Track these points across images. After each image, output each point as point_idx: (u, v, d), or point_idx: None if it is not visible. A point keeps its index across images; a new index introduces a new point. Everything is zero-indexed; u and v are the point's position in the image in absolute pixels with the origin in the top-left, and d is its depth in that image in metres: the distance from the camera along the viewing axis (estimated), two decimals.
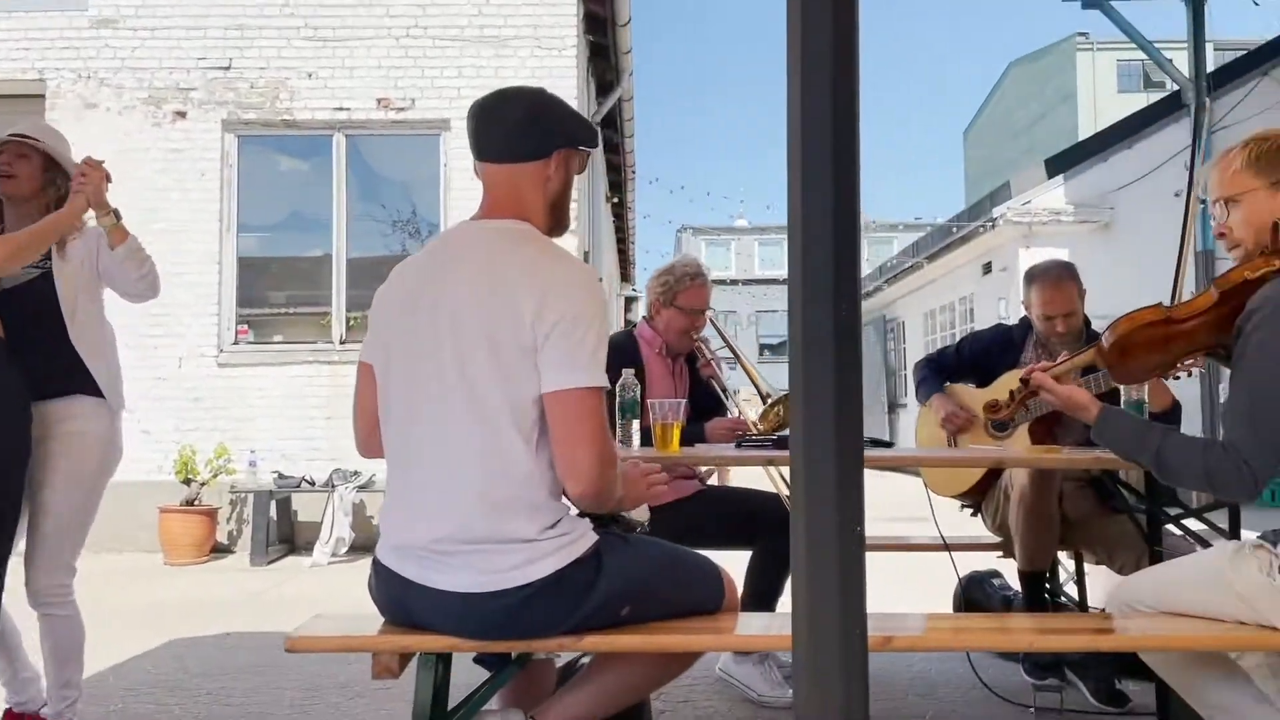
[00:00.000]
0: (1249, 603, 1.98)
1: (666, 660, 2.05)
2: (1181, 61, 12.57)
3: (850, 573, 0.94)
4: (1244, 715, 2.06)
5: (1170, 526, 2.99)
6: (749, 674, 3.33)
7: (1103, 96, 34.42)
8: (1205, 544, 2.81)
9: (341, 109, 7.87)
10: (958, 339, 4.00)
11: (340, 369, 7.63)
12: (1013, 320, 3.81)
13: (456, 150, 7.71)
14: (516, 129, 1.97)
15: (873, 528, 3.89)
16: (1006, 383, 3.48)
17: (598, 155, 10.67)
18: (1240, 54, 13.37)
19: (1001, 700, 3.23)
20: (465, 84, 7.71)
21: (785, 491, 3.09)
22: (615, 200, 14.28)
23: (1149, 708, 3.11)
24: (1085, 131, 30.99)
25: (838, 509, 0.92)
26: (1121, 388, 2.81)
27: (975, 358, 3.64)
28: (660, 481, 2.10)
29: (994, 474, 3.43)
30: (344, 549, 7.02)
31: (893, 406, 19.02)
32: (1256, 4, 12.37)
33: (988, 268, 13.65)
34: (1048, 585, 3.57)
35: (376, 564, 1.98)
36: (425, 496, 1.88)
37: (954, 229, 14.22)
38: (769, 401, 3.09)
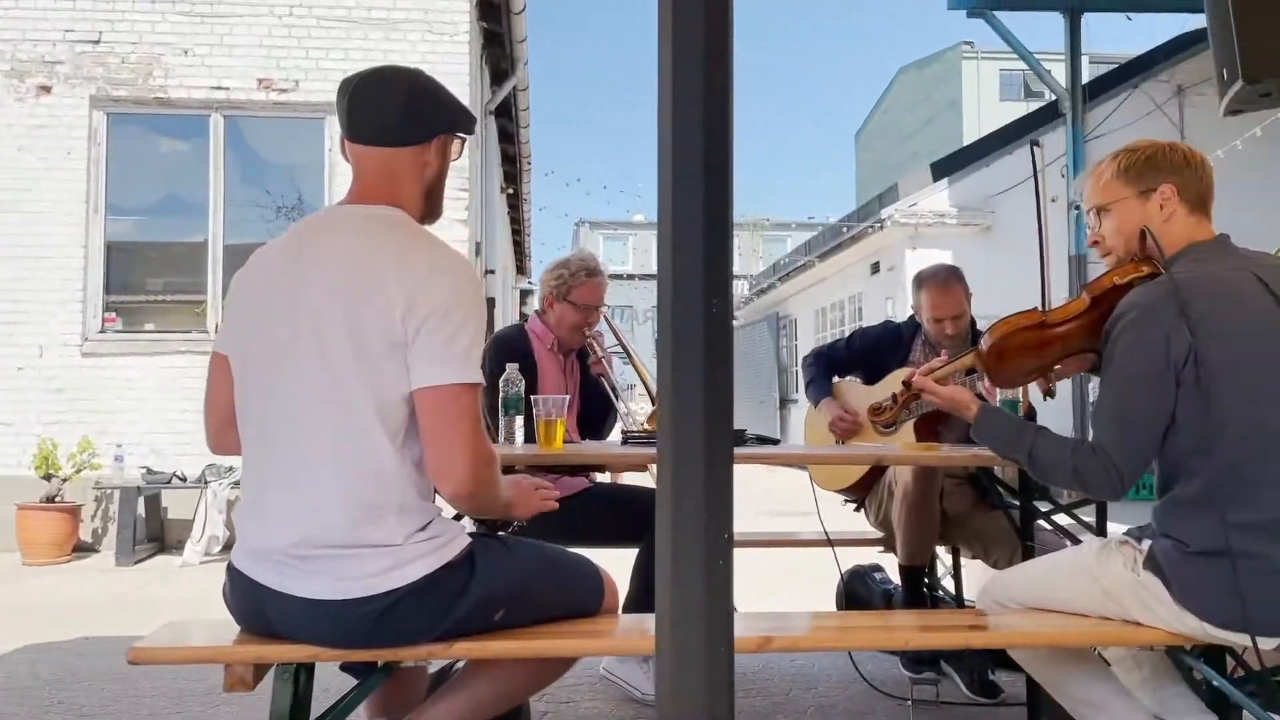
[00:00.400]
0: (1114, 598, 2.02)
1: (544, 664, 1.99)
2: (1060, 73, 13.07)
3: (716, 578, 0.89)
4: (1107, 708, 2.11)
5: (1042, 522, 3.06)
6: (632, 673, 3.29)
7: (986, 104, 35.61)
8: (1075, 540, 2.89)
9: (220, 88, 7.54)
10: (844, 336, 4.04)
11: None
12: (900, 319, 3.87)
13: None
14: (395, 112, 1.87)
15: (759, 523, 3.90)
16: (894, 380, 3.53)
17: (492, 145, 10.51)
18: (1112, 67, 13.97)
19: (881, 694, 3.27)
20: (352, 67, 7.32)
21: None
22: (510, 191, 14.10)
23: (1020, 698, 3.19)
24: (970, 137, 31.96)
25: (705, 510, 0.87)
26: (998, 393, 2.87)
27: (865, 353, 3.68)
28: (550, 496, 2.05)
29: (878, 471, 3.48)
30: (217, 548, 6.74)
31: (784, 402, 19.32)
32: (1129, 19, 12.94)
33: (876, 267, 13.96)
34: (926, 579, 3.64)
35: (231, 570, 1.86)
36: (284, 498, 1.77)
37: (844, 229, 14.50)
38: (657, 405, 3.05)
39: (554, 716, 3.17)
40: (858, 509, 3.70)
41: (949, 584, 3.79)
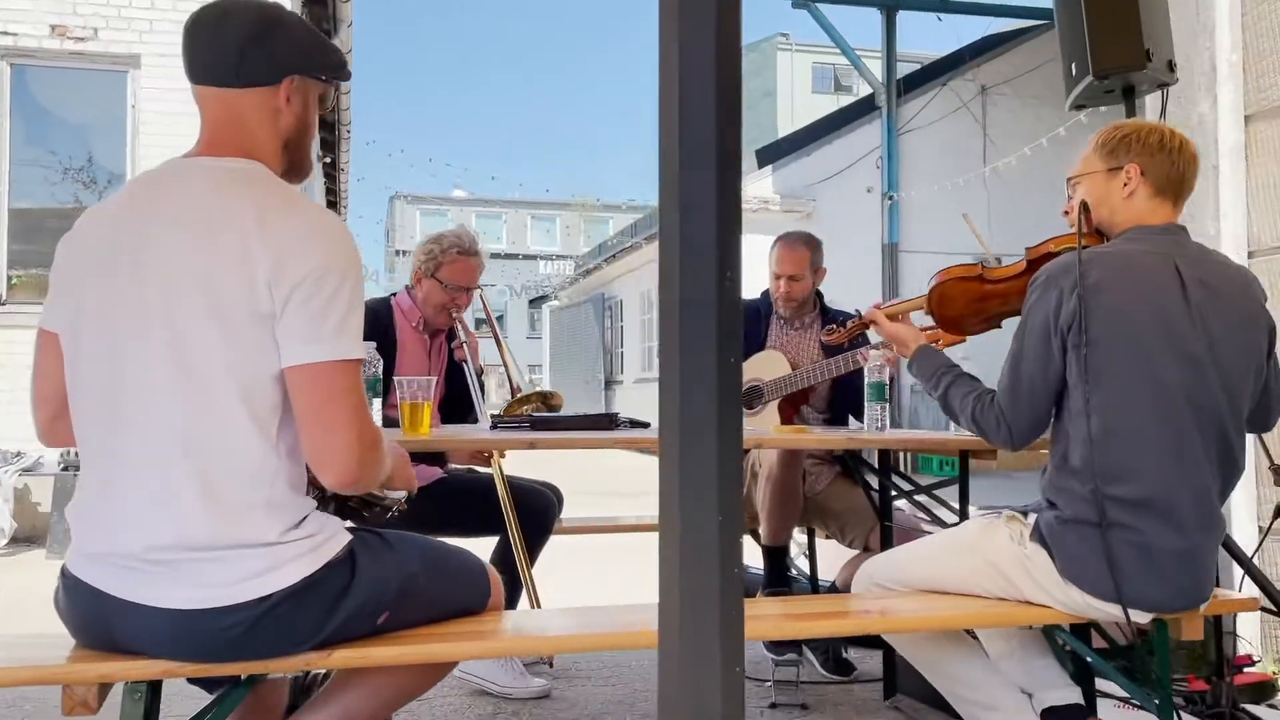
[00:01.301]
0: (1000, 571, 2.06)
1: (424, 669, 1.83)
2: (873, 68, 13.62)
3: (729, 575, 0.79)
4: (980, 686, 2.15)
5: (902, 504, 3.12)
6: (489, 668, 3.15)
7: (799, 95, 36.78)
8: (938, 520, 2.96)
9: (6, 34, 6.76)
10: None
11: (1, 334, 6.59)
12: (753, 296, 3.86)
13: (149, 92, 6.86)
14: (235, 46, 1.64)
15: (588, 503, 3.80)
16: (763, 361, 3.52)
17: None
18: (917, 66, 14.65)
19: (745, 678, 3.27)
20: (159, 17, 6.85)
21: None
22: (328, 160, 13.44)
23: (873, 674, 3.27)
24: (784, 127, 33.01)
25: (719, 498, 0.77)
26: (865, 369, 2.90)
27: None
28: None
29: None
30: (3, 541, 6.09)
31: (609, 383, 19.39)
32: (940, 20, 13.60)
33: None
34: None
35: (67, 576, 1.61)
36: (133, 496, 1.54)
37: None
38: (517, 396, 2.90)
39: (408, 714, 2.99)
40: None
41: (802, 564, 3.84)
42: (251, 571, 1.53)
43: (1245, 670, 2.84)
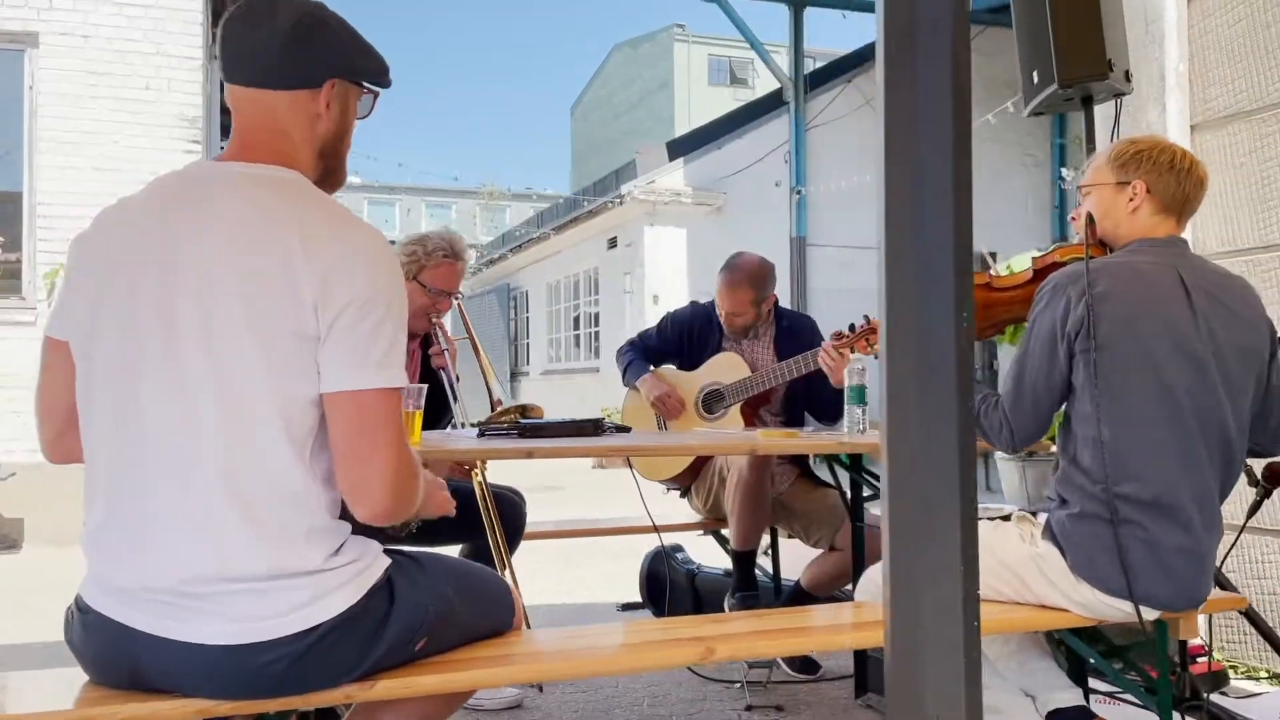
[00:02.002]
0: (1013, 570, 2.09)
1: (449, 696, 1.75)
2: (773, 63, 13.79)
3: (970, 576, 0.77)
4: (986, 690, 2.19)
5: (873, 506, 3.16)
6: None
7: (696, 87, 37.01)
8: None
9: None
10: (579, 309, 3.96)
11: None
12: (648, 295, 3.86)
13: (47, 73, 6.45)
14: (276, 45, 1.54)
15: (537, 505, 3.74)
16: (722, 365, 3.50)
17: (213, 96, 9.51)
18: (816, 62, 14.91)
19: (713, 681, 3.27)
20: None
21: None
22: (222, 146, 12.90)
23: (840, 671, 3.31)
24: (680, 119, 33.21)
25: (963, 552, 0.74)
26: (846, 370, 2.92)
27: (678, 338, 3.63)
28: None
29: (705, 456, 3.46)
30: None
31: (514, 375, 19.21)
32: (844, 17, 13.85)
33: (613, 242, 14.14)
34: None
35: (85, 610, 1.49)
36: (166, 525, 1.43)
37: (584, 202, 14.55)
38: (498, 409, 2.83)
39: None
40: (682, 495, 3.67)
41: (764, 563, 3.85)
42: (296, 603, 1.44)
43: (1198, 660, 2.97)
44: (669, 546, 4.24)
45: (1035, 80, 3.23)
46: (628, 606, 4.43)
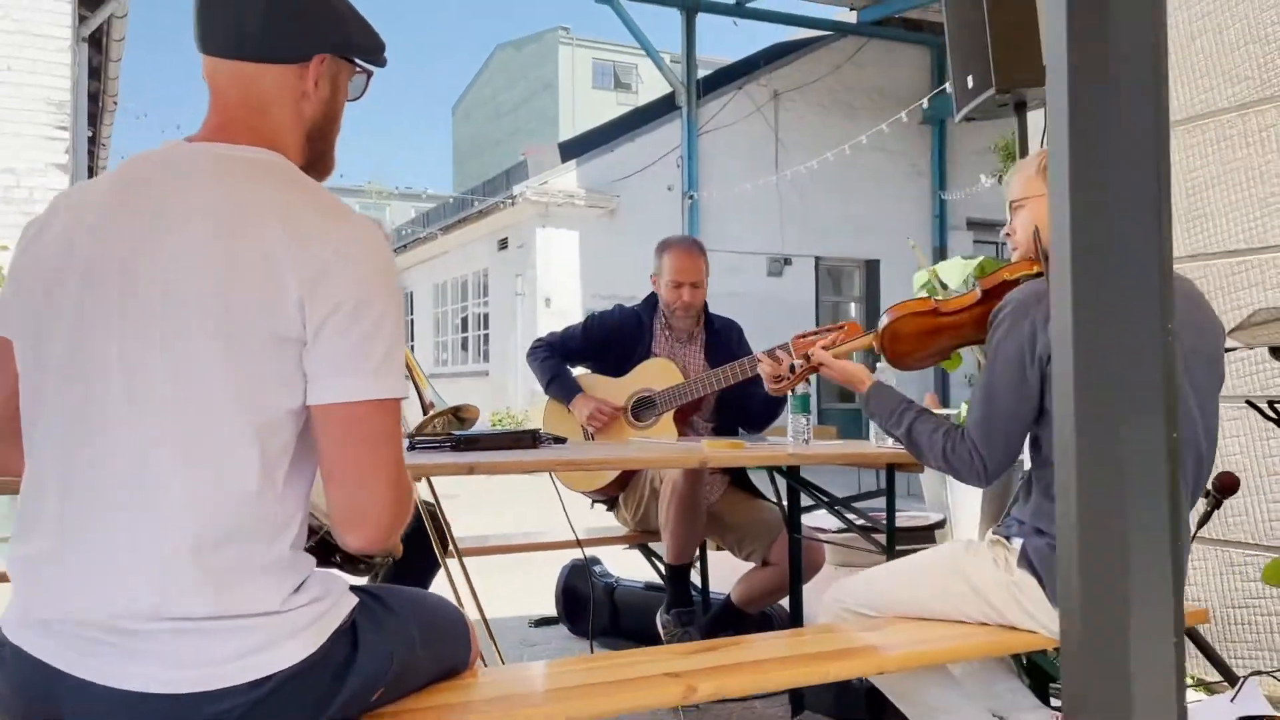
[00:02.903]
0: (985, 597, 2.01)
1: None
2: (650, 69, 13.81)
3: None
4: (954, 710, 2.11)
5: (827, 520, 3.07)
6: None
7: (580, 90, 36.89)
8: (865, 532, 2.92)
9: None
10: (467, 311, 3.78)
11: None
12: (541, 297, 3.71)
13: None
14: (259, 11, 1.33)
15: (459, 521, 3.54)
16: (653, 370, 3.36)
17: (80, 79, 8.89)
18: (707, 71, 14.98)
19: None
20: None
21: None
22: (90, 134, 12.10)
23: (776, 687, 3.21)
24: (565, 122, 33.03)
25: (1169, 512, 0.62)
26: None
27: (605, 341, 3.48)
28: None
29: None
30: None
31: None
32: (735, 24, 13.93)
33: (504, 243, 13.86)
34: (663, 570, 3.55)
35: (3, 644, 1.25)
36: (101, 549, 1.21)
37: (474, 202, 14.22)
38: (430, 413, 2.62)
39: None
40: (609, 508, 3.51)
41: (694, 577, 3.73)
42: (248, 648, 1.22)
43: None
44: (586, 559, 4.08)
45: (970, 85, 3.20)
46: (541, 622, 4.25)
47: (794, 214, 13.80)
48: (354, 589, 1.41)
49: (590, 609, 3.83)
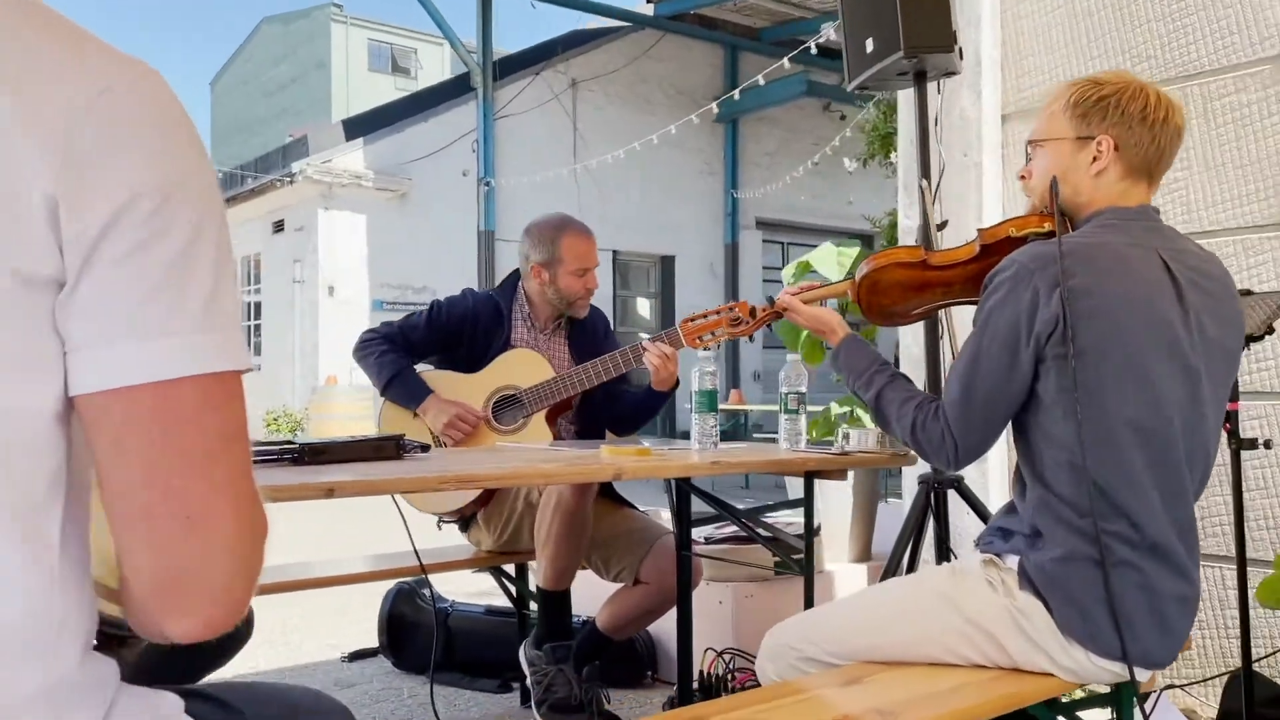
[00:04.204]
0: (983, 629, 1.66)
1: None
2: (431, 53, 13.16)
3: None
4: None
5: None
6: None
7: (355, 71, 35.19)
8: (774, 546, 2.54)
9: None
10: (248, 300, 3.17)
11: None
12: (323, 286, 3.15)
13: None
14: None
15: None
16: (516, 364, 2.85)
17: None
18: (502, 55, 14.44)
19: None
20: None
21: None
22: None
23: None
24: (339, 102, 31.37)
25: None
26: (695, 374, 2.40)
27: (455, 332, 2.92)
28: None
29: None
30: None
31: None
32: (534, 7, 13.44)
33: (280, 225, 12.71)
34: (515, 589, 3.06)
35: None
36: None
37: (247, 179, 12.94)
38: None
39: None
40: (464, 529, 2.95)
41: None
42: None
43: None
44: (412, 582, 3.51)
45: (870, 49, 2.89)
46: (356, 655, 3.64)
47: (592, 206, 13.46)
48: (188, 695, 0.85)
49: (433, 638, 3.28)
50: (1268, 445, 2.26)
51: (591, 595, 2.89)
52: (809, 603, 2.35)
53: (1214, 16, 2.76)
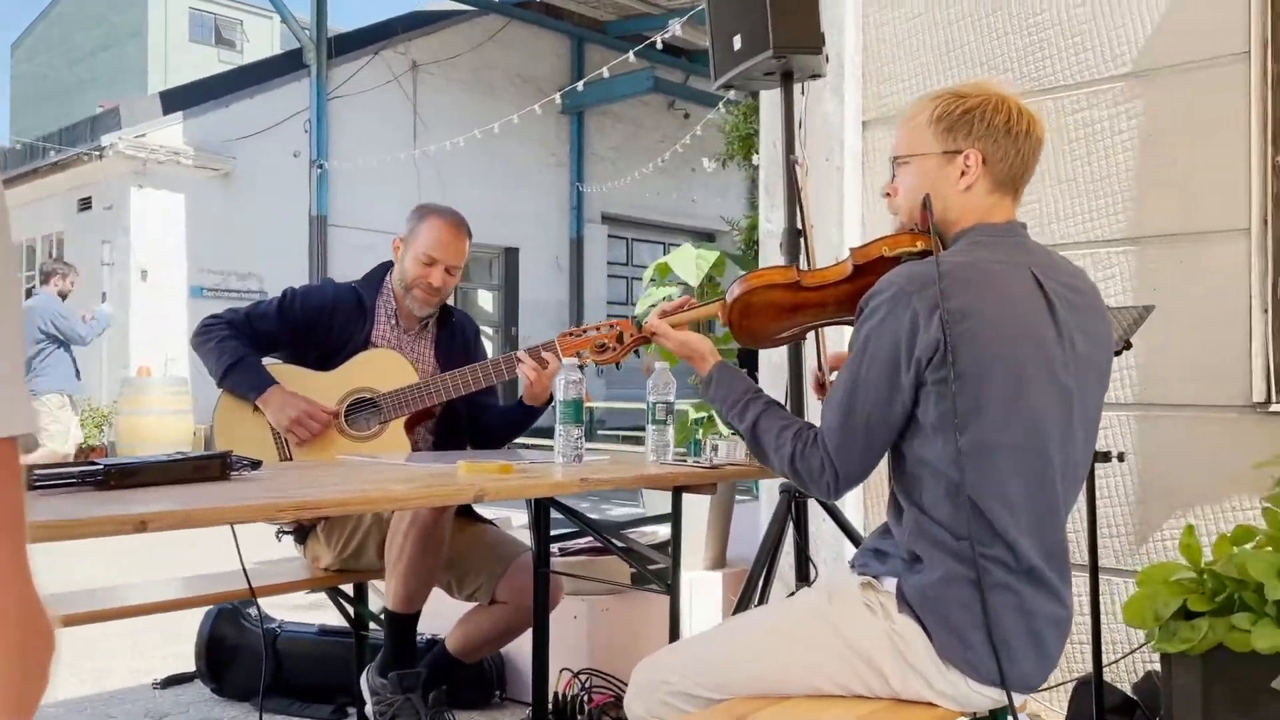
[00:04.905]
0: (862, 654, 1.58)
1: None
2: (258, 27, 12.53)
3: None
4: None
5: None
6: None
7: (175, 41, 33.19)
8: (634, 561, 2.41)
9: None
10: (34, 284, 2.87)
11: None
12: (135, 269, 2.87)
13: None
14: None
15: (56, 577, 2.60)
16: (376, 365, 2.62)
17: None
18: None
19: None
20: None
21: None
22: None
23: None
24: (156, 73, 29.49)
25: None
26: (560, 383, 2.25)
27: (310, 324, 2.65)
28: None
29: None
30: None
31: None
32: None
33: (87, 203, 11.72)
34: (353, 609, 2.83)
35: None
36: None
37: (49, 151, 11.85)
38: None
39: None
40: (300, 541, 2.70)
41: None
42: None
43: None
44: (238, 602, 3.21)
45: (737, 47, 2.80)
46: (171, 681, 3.33)
47: (432, 194, 13.02)
48: None
49: (259, 661, 3.01)
50: (1120, 458, 2.30)
51: (433, 611, 2.70)
52: (674, 622, 2.25)
53: (1069, 32, 2.81)
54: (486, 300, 14.58)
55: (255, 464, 1.84)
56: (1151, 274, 2.61)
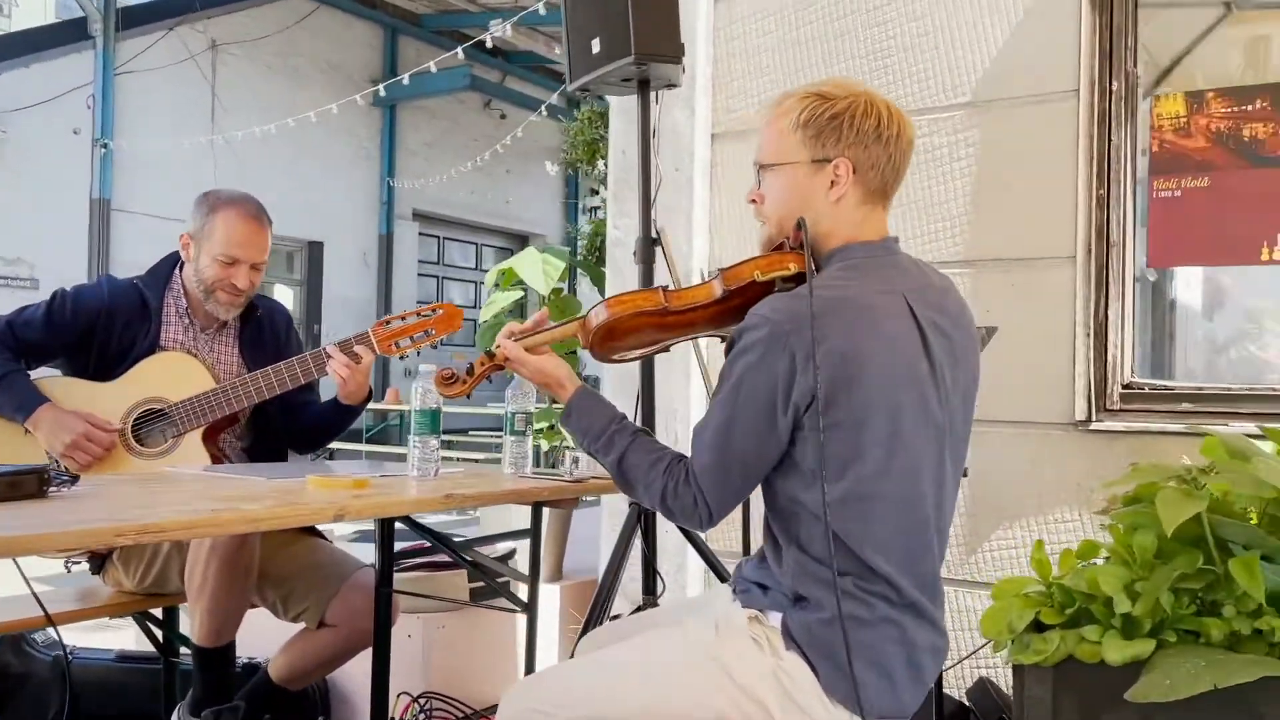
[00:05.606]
0: (748, 692, 1.55)
1: None
2: None
3: None
4: None
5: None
6: None
7: None
8: (497, 577, 2.30)
9: None
10: None
11: None
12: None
13: None
14: None
15: None
16: (164, 371, 2.37)
17: None
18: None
19: None
20: None
21: None
22: None
23: None
24: None
25: None
26: (412, 390, 2.11)
27: (84, 330, 2.38)
28: None
29: None
30: None
31: None
32: None
33: None
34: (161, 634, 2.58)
35: None
36: None
37: None
38: None
39: None
40: (96, 571, 2.41)
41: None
42: None
43: None
44: (27, 633, 2.87)
45: (595, 51, 2.75)
46: None
47: (231, 180, 12.20)
48: None
49: (45, 692, 2.71)
50: (964, 474, 2.39)
51: (256, 629, 2.49)
52: (530, 644, 2.16)
53: (914, 59, 2.91)
54: (286, 296, 13.84)
55: (74, 479, 1.62)
56: (986, 296, 2.73)
